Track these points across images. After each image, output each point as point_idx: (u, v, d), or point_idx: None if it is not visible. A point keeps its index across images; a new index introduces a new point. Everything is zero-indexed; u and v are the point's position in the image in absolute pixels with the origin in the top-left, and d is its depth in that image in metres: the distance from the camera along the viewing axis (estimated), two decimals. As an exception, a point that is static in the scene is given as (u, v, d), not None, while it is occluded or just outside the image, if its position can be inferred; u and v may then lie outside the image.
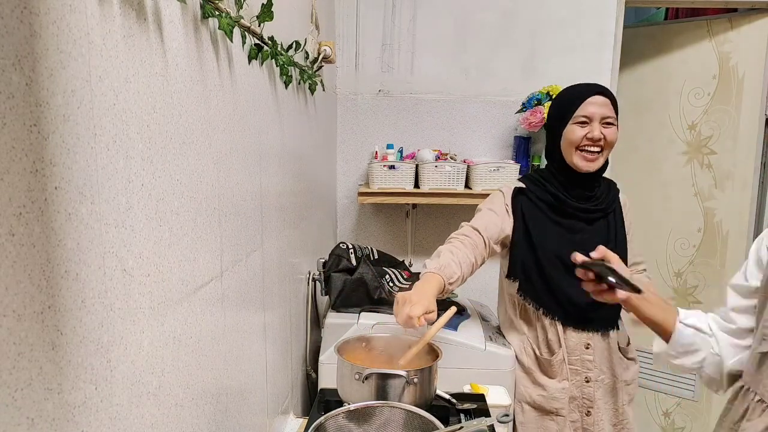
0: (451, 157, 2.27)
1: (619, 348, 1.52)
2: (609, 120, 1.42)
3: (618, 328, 1.53)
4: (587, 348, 1.49)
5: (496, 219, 1.47)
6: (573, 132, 1.42)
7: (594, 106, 1.42)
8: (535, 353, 1.52)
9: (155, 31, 0.60)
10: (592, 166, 1.43)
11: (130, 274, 0.56)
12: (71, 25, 0.45)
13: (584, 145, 1.42)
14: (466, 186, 2.20)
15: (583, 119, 1.42)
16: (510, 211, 1.51)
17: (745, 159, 2.50)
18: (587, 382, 1.49)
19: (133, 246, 0.56)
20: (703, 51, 2.55)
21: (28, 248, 0.40)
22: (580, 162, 1.43)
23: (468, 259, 1.36)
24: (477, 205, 2.16)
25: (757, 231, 2.53)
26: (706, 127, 2.58)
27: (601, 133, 1.41)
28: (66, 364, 0.45)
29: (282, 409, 1.28)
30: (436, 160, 2.20)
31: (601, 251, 1.12)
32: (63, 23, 0.44)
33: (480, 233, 1.42)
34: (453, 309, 1.29)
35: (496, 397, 1.36)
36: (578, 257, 1.10)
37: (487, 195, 2.12)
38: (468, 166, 2.18)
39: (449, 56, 2.34)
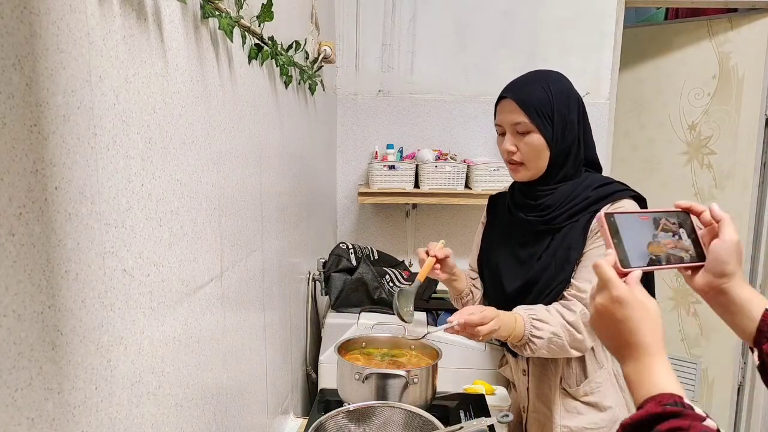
0: (451, 157, 2.27)
1: (563, 387, 1.23)
2: (519, 129, 1.16)
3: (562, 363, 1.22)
4: (524, 374, 1.29)
5: (475, 247, 1.45)
6: (498, 143, 1.24)
7: (502, 113, 1.19)
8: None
9: (155, 31, 0.60)
10: (518, 177, 1.22)
11: (130, 274, 0.56)
12: (71, 25, 0.45)
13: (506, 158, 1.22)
14: (466, 186, 2.20)
15: (500, 129, 1.21)
16: (485, 219, 1.42)
17: (745, 159, 2.50)
18: (524, 412, 1.31)
19: (133, 246, 0.56)
20: (703, 51, 2.55)
21: (28, 248, 0.40)
22: (510, 172, 1.24)
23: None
24: (477, 205, 2.20)
25: (757, 231, 2.53)
26: (706, 127, 2.58)
27: (514, 144, 1.17)
28: (66, 364, 0.45)
29: (282, 409, 1.28)
30: (436, 160, 2.20)
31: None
32: (63, 23, 0.44)
33: (472, 269, 1.44)
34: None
35: (496, 397, 1.36)
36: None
37: (487, 195, 2.14)
38: (468, 166, 2.19)
39: (449, 56, 2.34)
